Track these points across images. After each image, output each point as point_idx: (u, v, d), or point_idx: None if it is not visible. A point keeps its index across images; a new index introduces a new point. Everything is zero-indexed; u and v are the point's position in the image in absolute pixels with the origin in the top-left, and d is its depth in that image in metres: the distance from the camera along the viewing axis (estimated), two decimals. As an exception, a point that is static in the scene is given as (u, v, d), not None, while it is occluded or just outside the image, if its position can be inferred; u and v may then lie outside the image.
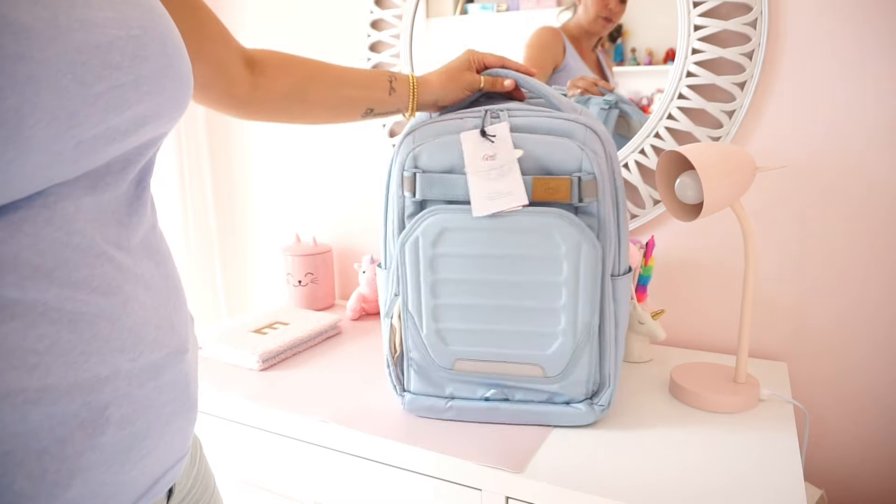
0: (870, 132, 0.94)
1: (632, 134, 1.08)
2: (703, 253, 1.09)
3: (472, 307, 0.76)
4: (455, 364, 0.79)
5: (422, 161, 0.75)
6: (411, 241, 0.75)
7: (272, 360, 1.01)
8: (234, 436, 0.91)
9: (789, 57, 0.97)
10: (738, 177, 0.80)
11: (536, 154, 0.72)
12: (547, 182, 0.71)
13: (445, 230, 0.74)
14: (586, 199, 0.71)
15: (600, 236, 0.73)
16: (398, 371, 0.83)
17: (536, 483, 0.69)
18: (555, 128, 0.73)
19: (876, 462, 1.02)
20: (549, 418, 0.79)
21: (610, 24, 1.10)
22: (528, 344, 0.76)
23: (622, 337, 0.78)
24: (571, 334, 0.75)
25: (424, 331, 0.79)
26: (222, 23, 0.65)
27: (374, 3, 1.25)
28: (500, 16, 1.16)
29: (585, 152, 0.70)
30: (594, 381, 0.78)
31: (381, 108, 0.81)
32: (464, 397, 0.81)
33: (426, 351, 0.79)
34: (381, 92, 0.80)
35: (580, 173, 0.71)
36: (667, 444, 0.76)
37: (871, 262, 0.97)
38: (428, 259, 0.76)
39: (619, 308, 0.76)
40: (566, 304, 0.74)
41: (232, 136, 1.53)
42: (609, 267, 0.74)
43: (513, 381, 0.79)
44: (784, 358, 1.06)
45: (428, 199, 0.75)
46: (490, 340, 0.77)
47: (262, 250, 1.55)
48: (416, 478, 0.77)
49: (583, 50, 1.15)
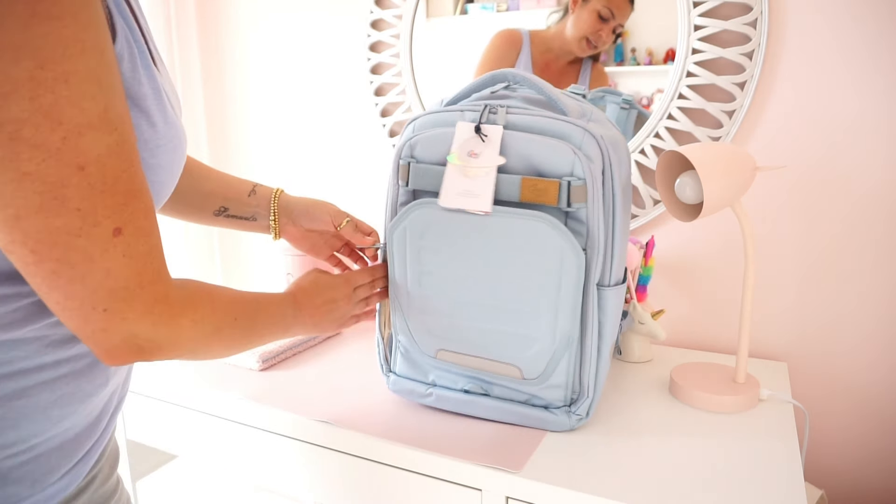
0: (870, 132, 0.94)
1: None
2: (703, 253, 1.09)
3: (454, 302, 0.76)
4: (438, 353, 0.80)
5: (417, 151, 0.75)
6: (399, 230, 0.76)
7: (272, 360, 1.01)
8: (234, 436, 0.91)
9: (789, 57, 0.97)
10: (738, 177, 0.80)
11: (528, 154, 0.69)
12: (535, 183, 0.69)
13: (431, 223, 0.74)
14: (575, 204, 0.68)
15: (587, 245, 0.70)
16: (387, 351, 0.86)
17: (536, 483, 0.69)
18: (551, 129, 0.70)
19: (876, 462, 1.02)
20: (527, 420, 0.79)
21: (593, 50, 1.08)
22: (507, 344, 0.76)
23: (606, 348, 0.75)
24: (549, 340, 0.73)
25: (410, 319, 0.80)
26: None
27: (374, 3, 1.25)
28: (500, 16, 1.15)
29: (578, 156, 0.68)
30: (573, 389, 0.77)
31: (235, 209, 0.84)
32: (445, 386, 0.82)
33: (411, 338, 0.81)
34: (240, 195, 0.83)
35: (571, 177, 0.68)
36: (667, 444, 0.76)
37: (871, 262, 0.97)
38: (414, 250, 0.76)
39: (605, 319, 0.73)
40: (546, 310, 0.72)
41: (232, 135, 1.53)
42: (595, 277, 0.71)
43: (492, 378, 0.79)
44: (784, 358, 1.06)
45: (420, 189, 0.75)
46: (471, 336, 0.77)
47: (262, 250, 1.55)
48: (416, 478, 0.77)
49: (550, 62, 1.11)
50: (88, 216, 0.41)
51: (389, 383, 0.86)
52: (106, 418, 0.58)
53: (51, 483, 0.51)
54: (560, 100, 0.72)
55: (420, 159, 0.75)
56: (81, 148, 0.40)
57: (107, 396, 0.57)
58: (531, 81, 0.74)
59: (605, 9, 1.05)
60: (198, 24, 1.46)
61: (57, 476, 0.52)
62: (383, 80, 1.28)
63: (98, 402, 0.56)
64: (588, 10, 1.06)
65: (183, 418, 0.96)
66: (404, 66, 1.24)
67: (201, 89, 1.47)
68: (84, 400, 0.53)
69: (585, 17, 1.07)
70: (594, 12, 1.06)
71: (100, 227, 0.42)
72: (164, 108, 0.49)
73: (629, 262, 0.97)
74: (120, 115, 0.42)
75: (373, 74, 1.29)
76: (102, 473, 0.59)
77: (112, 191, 0.42)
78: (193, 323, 0.51)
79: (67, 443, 0.52)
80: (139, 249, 0.45)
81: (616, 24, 1.05)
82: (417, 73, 1.24)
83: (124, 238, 0.43)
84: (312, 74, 1.38)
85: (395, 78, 1.27)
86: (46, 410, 0.50)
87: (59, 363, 0.50)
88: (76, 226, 0.41)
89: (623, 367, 1.00)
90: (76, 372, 0.52)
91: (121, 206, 0.43)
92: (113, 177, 0.42)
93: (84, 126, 0.40)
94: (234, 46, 1.46)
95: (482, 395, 0.81)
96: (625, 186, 0.74)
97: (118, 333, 0.46)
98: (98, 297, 0.44)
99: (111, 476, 0.61)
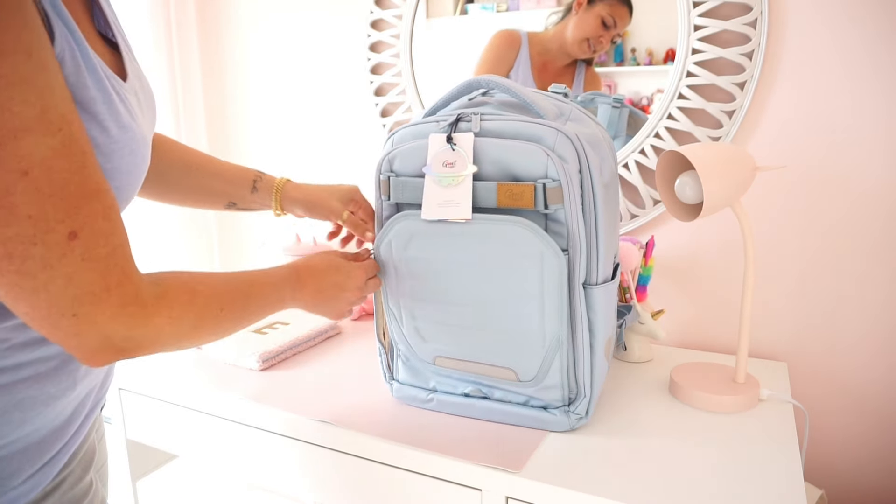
0: (870, 131, 0.94)
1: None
2: (703, 253, 1.09)
3: (445, 309, 0.77)
4: (436, 360, 0.81)
5: (396, 165, 0.76)
6: (385, 243, 0.77)
7: (272, 360, 1.01)
8: (234, 436, 0.91)
9: (789, 57, 0.97)
10: (738, 177, 0.80)
11: (502, 159, 0.69)
12: (511, 188, 0.69)
13: (415, 235, 0.75)
14: (552, 206, 0.68)
15: (569, 245, 0.70)
16: (388, 359, 0.87)
17: (536, 483, 0.69)
18: (524, 132, 0.70)
19: (876, 462, 1.02)
20: (527, 421, 0.79)
21: (592, 53, 1.09)
22: (500, 347, 0.76)
23: (599, 346, 0.75)
24: (539, 342, 0.73)
25: (405, 328, 0.81)
26: None
27: (374, 3, 1.25)
28: (500, 16, 1.15)
29: (552, 158, 0.67)
30: (570, 389, 0.77)
31: (242, 203, 0.85)
32: (445, 391, 0.83)
33: (409, 346, 0.82)
34: (244, 189, 0.84)
35: (545, 180, 0.68)
36: (666, 444, 0.76)
37: (871, 262, 0.97)
38: (402, 261, 0.77)
39: (594, 317, 0.73)
40: (532, 313, 0.72)
41: (232, 135, 1.53)
42: (580, 276, 0.71)
43: (490, 382, 0.79)
44: (784, 358, 1.06)
45: (402, 202, 0.76)
46: (465, 341, 0.78)
47: (262, 250, 1.55)
48: (416, 478, 0.77)
49: (548, 63, 1.12)
50: (40, 222, 0.40)
51: (393, 391, 0.87)
52: (78, 421, 0.57)
53: (12, 487, 0.50)
54: (536, 103, 0.72)
55: (399, 173, 0.76)
56: (21, 153, 0.39)
57: (78, 399, 0.56)
58: (505, 86, 0.73)
59: (609, 17, 1.05)
60: (198, 24, 1.46)
61: (19, 480, 0.51)
62: (383, 80, 1.28)
63: (66, 405, 0.54)
64: (593, 15, 1.07)
65: (183, 418, 0.96)
66: (404, 66, 1.24)
67: (201, 89, 1.47)
68: (48, 403, 0.52)
69: (590, 20, 1.07)
70: (598, 17, 1.06)
71: (54, 233, 0.40)
72: (115, 112, 0.47)
73: (629, 263, 0.97)
74: (63, 116, 0.41)
75: (373, 74, 1.29)
76: (73, 476, 0.57)
77: (62, 194, 0.40)
78: (171, 320, 0.49)
79: (32, 446, 0.51)
80: (99, 252, 0.43)
81: (615, 34, 1.06)
82: (417, 73, 1.24)
83: (81, 241, 0.42)
84: (312, 74, 1.38)
85: (395, 78, 1.27)
86: (6, 414, 0.49)
87: (19, 366, 0.49)
88: (29, 234, 0.39)
89: (623, 367, 1.00)
90: (39, 375, 0.51)
91: (74, 210, 0.41)
92: (62, 180, 0.40)
93: (20, 130, 0.38)
94: (234, 46, 1.46)
95: (482, 398, 0.81)
96: (607, 183, 0.74)
97: (92, 337, 0.45)
98: (64, 304, 0.42)
99: (83, 478, 0.59)
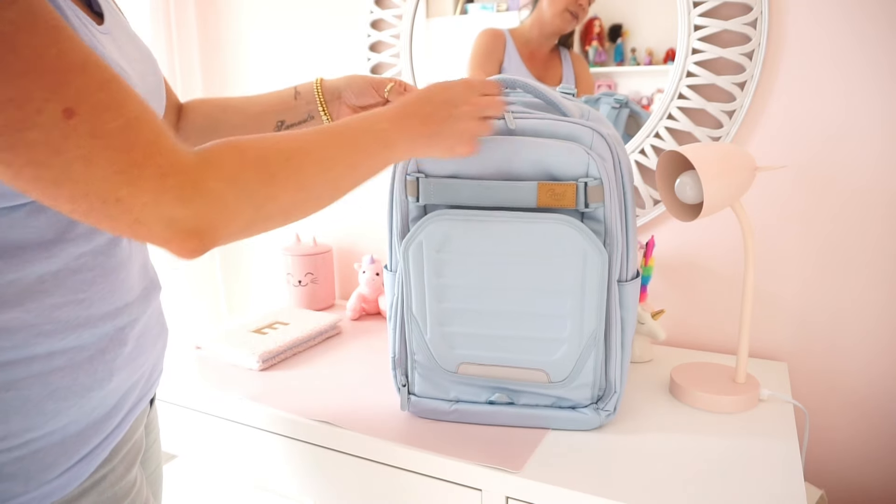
0: (870, 131, 0.94)
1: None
2: (703, 253, 1.09)
3: (476, 312, 0.76)
4: (459, 367, 0.79)
5: (425, 165, 0.74)
6: (415, 245, 0.75)
7: (272, 360, 1.01)
8: (234, 436, 0.91)
9: (789, 57, 0.97)
10: (738, 177, 0.80)
11: (541, 158, 0.70)
12: (553, 188, 0.69)
13: (451, 235, 0.73)
14: (592, 204, 0.69)
15: (606, 242, 0.71)
16: (402, 374, 0.82)
17: (536, 483, 0.69)
18: (560, 131, 0.70)
19: (876, 462, 1.02)
20: (554, 422, 0.79)
21: (575, 21, 1.09)
22: (532, 349, 0.76)
23: (629, 342, 0.77)
24: (577, 341, 0.74)
25: (429, 334, 0.78)
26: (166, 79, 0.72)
27: (374, 3, 1.25)
28: (500, 16, 1.15)
29: (592, 157, 0.68)
30: (600, 387, 0.77)
31: (291, 117, 0.82)
32: (468, 401, 0.81)
33: (430, 354, 0.79)
34: (287, 101, 0.81)
35: (587, 178, 0.69)
36: (666, 444, 0.76)
37: (871, 262, 0.97)
38: (432, 264, 0.75)
39: (626, 313, 0.75)
40: (571, 311, 0.73)
41: (232, 136, 1.52)
42: (616, 273, 0.73)
43: (517, 386, 0.78)
44: (784, 358, 1.06)
45: (431, 203, 0.75)
46: (495, 345, 0.77)
47: (262, 250, 1.55)
48: (416, 478, 0.77)
49: (533, 52, 1.12)
50: (25, 104, 0.36)
51: (409, 406, 0.83)
52: (120, 414, 0.56)
53: (47, 481, 0.49)
54: (561, 102, 0.72)
55: (429, 173, 0.74)
56: None
57: (119, 392, 0.55)
58: (526, 84, 0.73)
59: None
60: (198, 24, 1.46)
61: (55, 474, 0.50)
62: (383, 80, 1.28)
63: (105, 397, 0.54)
64: None
65: (183, 418, 0.96)
66: (404, 66, 1.24)
67: (202, 89, 1.47)
68: (83, 394, 0.51)
69: None
70: None
71: (45, 113, 0.37)
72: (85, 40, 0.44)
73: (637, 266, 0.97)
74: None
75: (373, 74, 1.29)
76: (115, 473, 0.56)
77: (38, 70, 0.36)
78: (227, 182, 0.44)
79: (69, 439, 0.51)
80: (108, 127, 0.38)
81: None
82: (417, 73, 1.24)
83: (82, 118, 0.38)
84: (313, 74, 1.38)
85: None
86: (40, 404, 0.48)
87: (52, 355, 0.49)
88: (18, 118, 0.36)
89: (623, 367, 1.00)
90: (73, 365, 0.50)
91: (59, 85, 0.37)
92: (34, 55, 0.36)
93: None
94: (234, 46, 1.46)
95: (507, 404, 0.80)
96: (632, 182, 0.75)
97: (155, 222, 0.40)
98: (100, 190, 0.39)
99: (126, 475, 0.57)
